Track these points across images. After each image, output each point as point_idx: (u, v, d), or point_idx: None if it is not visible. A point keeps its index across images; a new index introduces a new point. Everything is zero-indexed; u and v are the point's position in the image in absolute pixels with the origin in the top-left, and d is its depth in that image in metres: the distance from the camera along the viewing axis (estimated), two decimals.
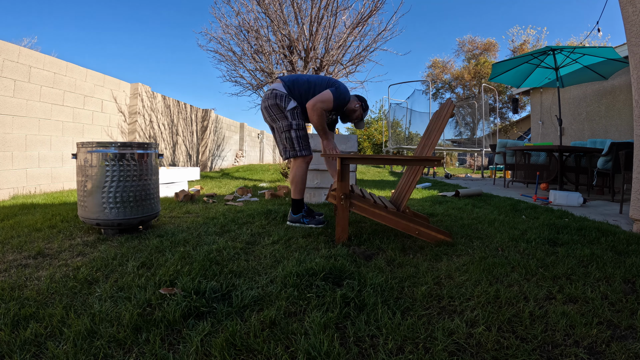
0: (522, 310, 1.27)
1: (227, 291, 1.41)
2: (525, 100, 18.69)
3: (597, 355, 1.03)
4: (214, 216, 3.02)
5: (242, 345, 1.05)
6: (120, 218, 2.32)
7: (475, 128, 14.10)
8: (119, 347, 1.05)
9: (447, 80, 23.64)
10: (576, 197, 3.92)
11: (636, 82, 2.59)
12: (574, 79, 5.89)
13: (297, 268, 1.61)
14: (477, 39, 23.09)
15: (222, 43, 7.40)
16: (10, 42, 4.23)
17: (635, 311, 1.26)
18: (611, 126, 6.25)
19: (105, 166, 2.29)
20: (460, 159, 21.63)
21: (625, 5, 2.61)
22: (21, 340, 1.06)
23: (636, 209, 2.58)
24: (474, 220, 2.88)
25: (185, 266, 1.67)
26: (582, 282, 1.52)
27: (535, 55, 5.57)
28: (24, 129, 4.39)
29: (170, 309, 1.23)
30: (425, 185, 6.32)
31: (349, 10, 7.12)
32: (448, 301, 1.36)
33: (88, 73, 5.47)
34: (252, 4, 6.98)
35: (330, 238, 2.26)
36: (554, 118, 7.37)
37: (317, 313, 1.23)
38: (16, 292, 1.39)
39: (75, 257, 1.88)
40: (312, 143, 3.86)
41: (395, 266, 1.76)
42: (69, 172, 5.11)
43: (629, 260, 1.79)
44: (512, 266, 1.74)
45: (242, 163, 12.80)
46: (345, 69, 7.47)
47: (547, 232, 2.40)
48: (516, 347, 1.05)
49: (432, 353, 1.03)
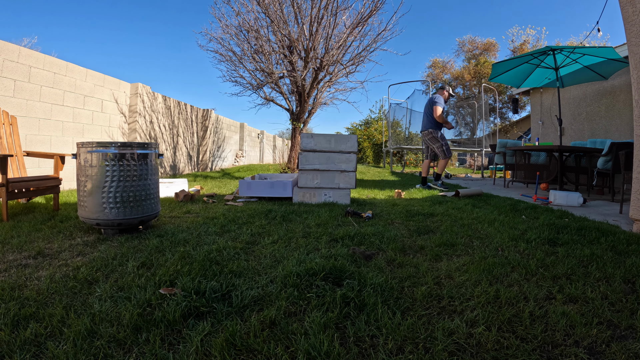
0: (522, 310, 1.27)
1: (227, 291, 1.41)
2: (525, 100, 18.69)
3: (597, 355, 1.03)
4: (214, 216, 3.02)
5: (242, 345, 1.05)
6: (120, 218, 2.32)
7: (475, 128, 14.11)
8: (119, 347, 1.05)
9: (447, 80, 23.62)
10: (576, 197, 3.92)
11: (636, 82, 2.59)
12: (574, 79, 5.89)
13: (297, 268, 1.61)
14: (477, 39, 23.08)
15: (222, 43, 7.41)
16: (10, 42, 4.24)
17: (635, 311, 1.26)
18: (611, 126, 6.24)
19: (105, 166, 2.29)
20: (460, 159, 21.63)
21: (625, 5, 2.61)
22: (21, 340, 1.06)
23: (636, 209, 2.58)
24: (474, 220, 2.88)
25: (185, 266, 1.67)
26: (582, 282, 1.52)
27: (535, 55, 5.56)
28: (24, 129, 4.39)
29: (170, 309, 1.23)
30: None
31: (349, 10, 7.12)
32: (448, 301, 1.36)
33: (88, 73, 5.47)
34: (252, 4, 6.98)
35: (331, 238, 2.26)
36: (554, 118, 7.37)
37: (317, 313, 1.23)
38: (16, 292, 1.39)
39: (75, 257, 1.88)
40: (312, 143, 3.86)
41: (395, 266, 1.76)
42: (69, 172, 5.11)
43: (629, 260, 1.79)
44: (512, 266, 1.74)
45: (242, 163, 12.80)
46: (345, 68, 7.47)
47: (547, 232, 2.40)
48: (516, 347, 1.05)
49: (432, 353, 1.03)
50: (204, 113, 9.67)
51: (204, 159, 9.66)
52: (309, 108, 7.79)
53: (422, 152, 13.12)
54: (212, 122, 9.99)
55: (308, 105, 7.68)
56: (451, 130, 12.78)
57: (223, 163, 11.15)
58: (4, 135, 3.38)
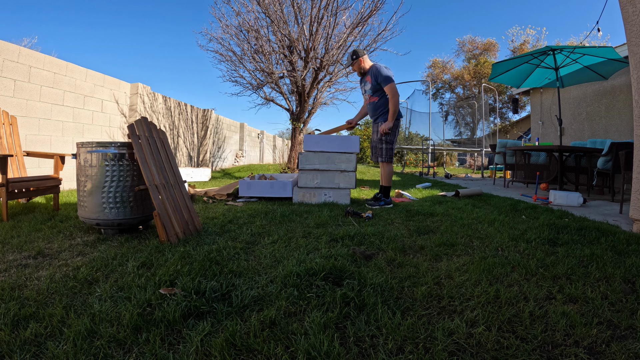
0: (522, 310, 1.27)
1: (227, 291, 1.41)
2: (525, 100, 18.68)
3: (597, 355, 1.03)
4: (214, 216, 3.02)
5: (242, 345, 1.05)
6: (120, 218, 2.32)
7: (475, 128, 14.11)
8: (119, 347, 1.05)
9: (447, 80, 23.63)
10: (576, 197, 3.92)
11: (636, 82, 2.59)
12: (574, 79, 5.89)
13: (297, 268, 1.61)
14: (477, 39, 23.08)
15: (222, 43, 7.41)
16: (10, 42, 4.24)
17: (635, 311, 1.26)
18: (611, 126, 6.24)
19: (105, 166, 2.29)
20: (460, 159, 21.63)
21: (625, 5, 2.61)
22: (21, 340, 1.06)
23: (636, 209, 2.58)
24: (474, 220, 2.88)
25: (185, 266, 1.67)
26: (582, 282, 1.52)
27: (535, 55, 5.57)
28: (24, 129, 4.39)
29: (170, 309, 1.23)
30: (425, 185, 6.32)
31: (349, 10, 7.12)
32: (448, 301, 1.36)
33: (88, 73, 5.47)
34: (252, 4, 6.98)
35: (331, 238, 2.26)
36: (554, 118, 7.37)
37: (317, 313, 1.23)
38: (16, 292, 1.39)
39: (75, 257, 1.88)
40: (316, 145, 3.87)
41: (395, 266, 1.76)
42: (69, 172, 5.11)
43: (629, 260, 1.79)
44: (512, 266, 1.74)
45: (242, 163, 12.80)
46: (345, 68, 7.47)
47: (547, 232, 2.40)
48: (516, 347, 1.05)
49: (432, 353, 1.03)
50: (204, 113, 9.67)
51: (204, 159, 9.66)
52: (309, 108, 7.80)
53: (422, 152, 13.13)
54: (212, 122, 9.99)
55: (308, 105, 7.68)
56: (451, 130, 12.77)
57: (223, 163, 11.15)
58: (4, 135, 3.38)
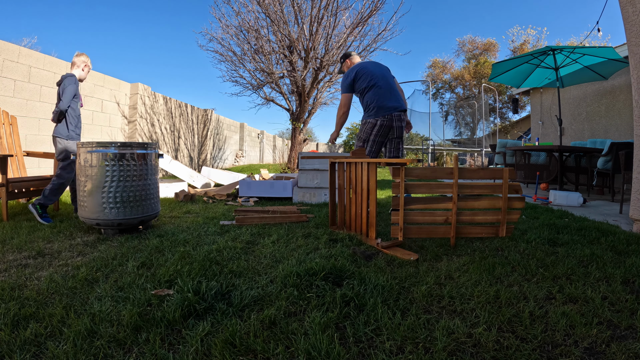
0: (522, 310, 1.27)
1: (227, 291, 1.41)
2: (525, 100, 18.68)
3: (597, 355, 1.03)
4: (214, 216, 3.02)
5: (242, 345, 1.05)
6: (120, 218, 2.32)
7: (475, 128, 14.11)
8: (119, 347, 1.05)
9: (447, 80, 23.62)
10: (576, 197, 3.92)
11: (636, 82, 2.59)
12: (574, 79, 5.89)
13: (297, 268, 1.61)
14: (477, 39, 23.07)
15: (222, 43, 7.42)
16: (10, 42, 4.24)
17: (635, 311, 1.26)
18: (611, 126, 6.24)
19: (105, 166, 2.29)
20: (460, 159, 21.63)
21: (625, 5, 2.61)
22: (21, 340, 1.06)
23: (636, 209, 2.58)
24: None
25: (185, 266, 1.67)
26: (582, 282, 1.52)
27: (535, 55, 5.56)
28: (24, 129, 4.39)
29: (170, 308, 1.23)
30: None
31: (349, 10, 7.13)
32: (448, 301, 1.36)
33: None
34: (252, 4, 6.99)
35: (331, 237, 2.26)
36: (554, 118, 7.37)
37: (317, 313, 1.23)
38: (16, 292, 1.39)
39: (75, 257, 1.88)
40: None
41: (395, 266, 1.76)
42: None
43: (629, 260, 1.79)
44: (512, 266, 1.74)
45: (242, 163, 12.80)
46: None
47: (547, 232, 2.40)
48: (516, 347, 1.05)
49: (432, 353, 1.03)
50: (204, 113, 9.67)
51: (204, 160, 9.66)
52: (309, 108, 7.80)
53: (422, 152, 13.12)
54: (212, 122, 9.99)
55: (308, 105, 7.69)
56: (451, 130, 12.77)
57: (223, 164, 11.16)
58: (4, 135, 3.38)
